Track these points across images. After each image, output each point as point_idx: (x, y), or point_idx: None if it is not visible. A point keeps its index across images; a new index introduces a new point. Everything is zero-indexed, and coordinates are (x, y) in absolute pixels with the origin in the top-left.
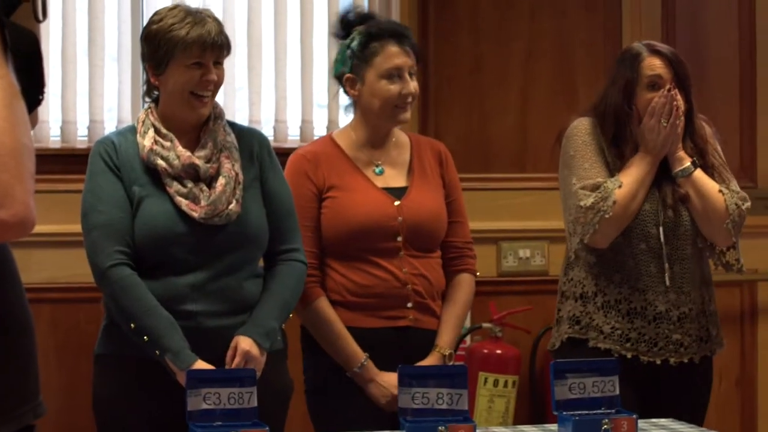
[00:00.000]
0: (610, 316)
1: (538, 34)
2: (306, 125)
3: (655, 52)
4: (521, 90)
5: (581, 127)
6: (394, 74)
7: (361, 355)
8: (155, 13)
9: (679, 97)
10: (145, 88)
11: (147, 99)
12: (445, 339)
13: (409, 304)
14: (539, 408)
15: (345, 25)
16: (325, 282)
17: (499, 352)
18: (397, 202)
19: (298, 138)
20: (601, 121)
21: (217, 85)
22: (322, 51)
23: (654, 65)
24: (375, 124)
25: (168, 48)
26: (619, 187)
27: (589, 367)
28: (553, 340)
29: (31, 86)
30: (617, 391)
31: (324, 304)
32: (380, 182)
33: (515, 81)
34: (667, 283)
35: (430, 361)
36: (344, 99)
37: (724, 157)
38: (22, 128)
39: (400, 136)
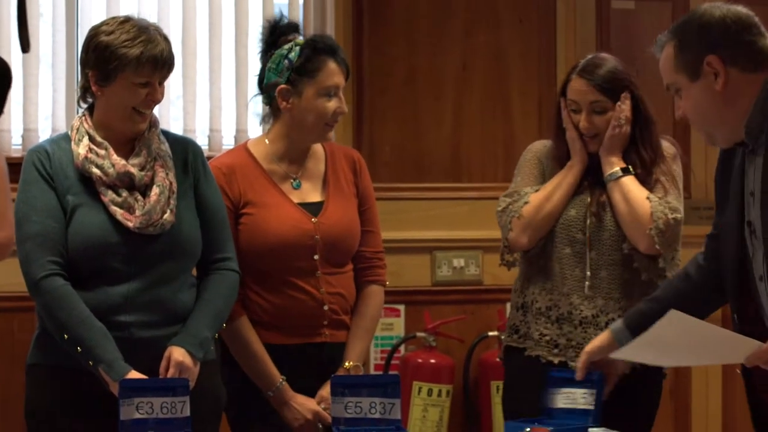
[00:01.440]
0: (540, 322)
1: (473, 45)
2: (240, 134)
3: (583, 74)
4: (455, 101)
5: (529, 147)
6: (332, 92)
7: (277, 378)
8: (104, 23)
9: (623, 107)
10: (80, 92)
11: (82, 104)
12: (351, 354)
13: (325, 322)
14: (472, 417)
15: (274, 34)
16: (244, 301)
17: (433, 361)
18: (314, 219)
19: (233, 147)
20: (557, 142)
21: (159, 101)
22: (257, 60)
23: (574, 89)
24: (298, 138)
25: (119, 64)
26: (536, 191)
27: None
28: (501, 352)
29: None
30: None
31: (244, 324)
32: (296, 197)
33: (449, 92)
34: (587, 288)
35: None
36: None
37: (679, 179)
38: (1, 152)
39: (316, 147)
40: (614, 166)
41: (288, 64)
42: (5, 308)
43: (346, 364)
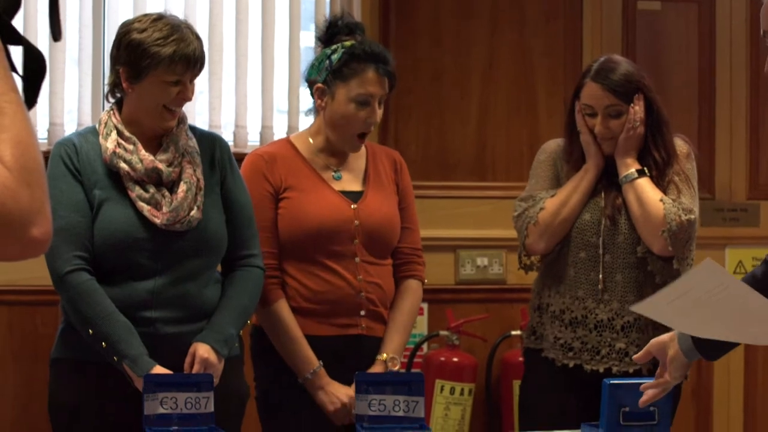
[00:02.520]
0: (555, 326)
1: (499, 43)
2: (266, 131)
3: (597, 78)
4: (481, 99)
5: (543, 148)
6: (365, 101)
7: (314, 362)
8: (136, 20)
9: (636, 108)
10: (109, 88)
11: (110, 99)
12: (388, 346)
13: (362, 312)
14: (494, 416)
15: (331, 32)
16: (283, 286)
17: (455, 359)
18: (353, 206)
19: (258, 143)
20: (568, 141)
21: (190, 99)
22: (283, 57)
23: (589, 94)
24: (332, 139)
25: (152, 62)
26: (552, 196)
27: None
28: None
29: (26, 101)
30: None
31: (283, 307)
32: (337, 186)
33: (475, 90)
34: (601, 291)
35: (374, 369)
36: (306, 102)
37: (693, 177)
38: (38, 145)
39: None
40: (630, 167)
41: (328, 64)
42: (28, 302)
43: (384, 355)
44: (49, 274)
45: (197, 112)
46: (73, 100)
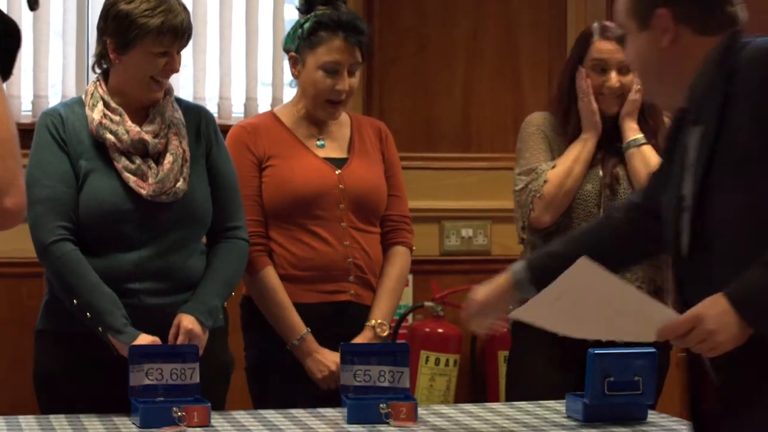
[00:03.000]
0: None
1: (483, 14)
2: (250, 102)
3: (605, 35)
4: (465, 70)
5: (529, 120)
6: (332, 68)
7: (302, 328)
8: None
9: (631, 77)
10: (95, 59)
11: (96, 70)
12: (376, 312)
13: (351, 278)
14: (479, 387)
15: (309, 1)
16: (270, 254)
17: (440, 330)
18: (338, 171)
19: (242, 115)
20: (553, 108)
21: (177, 70)
22: (267, 28)
23: (602, 49)
24: (310, 107)
25: (139, 33)
26: (553, 167)
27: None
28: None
29: (1, 73)
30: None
31: (270, 274)
32: (321, 153)
33: (459, 61)
34: None
35: (362, 337)
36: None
37: None
38: (12, 117)
39: (341, 115)
40: (636, 132)
41: (300, 32)
42: (14, 274)
43: (372, 321)
44: (33, 246)
45: (182, 84)
46: (57, 73)
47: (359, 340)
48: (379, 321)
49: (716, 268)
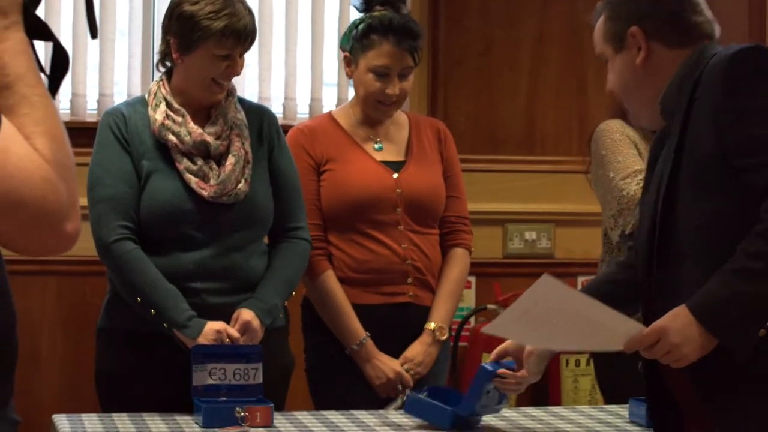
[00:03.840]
0: None
1: (548, 17)
2: (315, 103)
3: None
4: (530, 73)
5: (608, 128)
6: (382, 72)
7: (361, 333)
8: None
9: None
10: (159, 57)
11: (160, 69)
12: (435, 315)
13: (409, 280)
14: (541, 390)
15: (366, 1)
16: (329, 257)
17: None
18: (395, 175)
19: (307, 116)
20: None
21: (239, 73)
22: (333, 29)
23: None
24: (363, 108)
25: (203, 35)
26: None
27: None
28: None
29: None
30: None
31: (330, 278)
32: (379, 156)
33: (524, 64)
34: None
35: (421, 340)
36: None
37: None
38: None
39: (399, 115)
40: None
41: (354, 33)
42: (77, 272)
43: (432, 324)
44: None
45: (246, 85)
46: (123, 71)
47: (418, 343)
48: (438, 325)
49: (684, 278)
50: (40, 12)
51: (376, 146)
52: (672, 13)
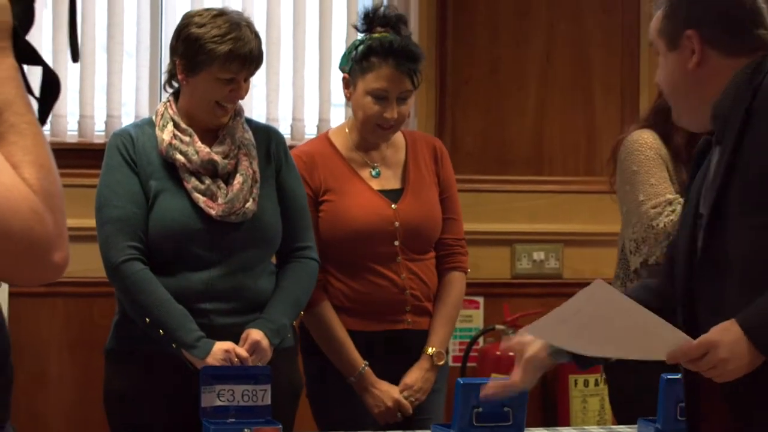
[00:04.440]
0: None
1: (556, 36)
2: (323, 124)
3: None
4: (538, 93)
5: (642, 141)
6: (380, 95)
7: (359, 363)
8: (198, 14)
9: None
10: (167, 77)
11: (167, 89)
12: (434, 340)
13: (408, 308)
14: (550, 410)
15: (367, 21)
16: (326, 287)
17: (511, 354)
18: (393, 206)
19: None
20: (666, 129)
21: (243, 97)
22: (340, 50)
23: None
24: (361, 130)
25: (206, 59)
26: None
27: None
28: None
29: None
30: None
31: (326, 310)
32: (376, 185)
33: (532, 83)
34: None
35: (419, 366)
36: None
37: None
38: (57, 169)
39: (396, 136)
40: None
41: (354, 55)
42: (85, 293)
43: (429, 350)
44: None
45: (254, 105)
46: (131, 93)
47: (417, 369)
48: (436, 350)
49: (728, 291)
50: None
51: (374, 172)
52: (732, 21)
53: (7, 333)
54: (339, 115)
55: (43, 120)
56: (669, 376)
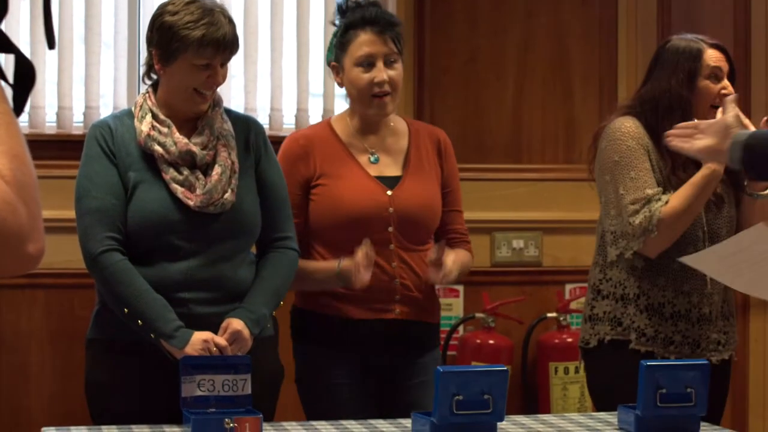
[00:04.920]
0: (654, 319)
1: (534, 26)
2: (301, 113)
3: (714, 45)
4: (516, 81)
5: (625, 129)
6: (366, 62)
7: (334, 263)
8: (170, 2)
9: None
10: (145, 69)
11: (146, 81)
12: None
13: (396, 297)
14: (531, 398)
15: (340, 13)
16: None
17: (491, 342)
18: (389, 192)
19: (293, 126)
20: (652, 118)
21: (221, 83)
22: (318, 40)
23: (716, 57)
24: (360, 113)
25: (180, 45)
26: (665, 203)
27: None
28: (587, 337)
29: (14, 110)
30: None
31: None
32: (374, 171)
33: (510, 72)
34: (709, 287)
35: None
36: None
37: None
38: (31, 160)
39: (398, 123)
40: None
41: (335, 41)
42: (65, 285)
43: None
44: None
45: (232, 96)
46: (109, 84)
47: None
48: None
49: None
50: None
51: (372, 158)
52: None
53: None
54: (317, 105)
55: (20, 109)
56: (649, 363)
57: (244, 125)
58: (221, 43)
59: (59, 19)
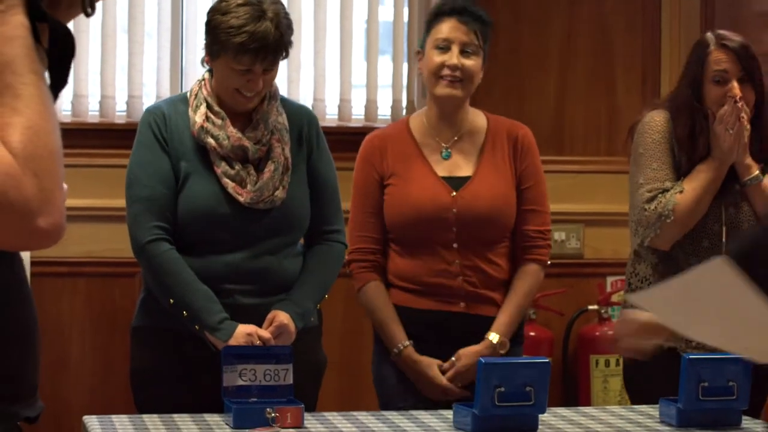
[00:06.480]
0: None
1: (577, 16)
2: (344, 104)
3: (723, 45)
4: (559, 72)
5: (653, 123)
6: (443, 45)
7: (400, 340)
8: (225, 0)
9: (744, 105)
10: (203, 53)
11: (205, 65)
12: (501, 328)
13: (462, 294)
14: (571, 390)
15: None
16: (387, 264)
17: (533, 334)
18: (453, 193)
19: (336, 117)
20: (674, 116)
21: (265, 88)
22: (361, 30)
23: (720, 59)
24: (435, 102)
25: (221, 48)
26: (680, 192)
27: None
28: None
29: (54, 85)
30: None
31: (371, 291)
32: (444, 170)
33: (553, 63)
34: None
35: (478, 348)
36: (385, 76)
37: None
38: (58, 131)
39: (477, 119)
40: (752, 169)
41: (424, 30)
42: (107, 273)
43: (492, 335)
44: (127, 246)
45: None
46: (151, 73)
47: (475, 350)
48: (501, 339)
49: None
50: None
51: (444, 153)
52: None
53: (35, 308)
54: (360, 96)
55: (63, 80)
56: (691, 356)
57: (298, 117)
58: (260, 51)
59: (102, 8)
